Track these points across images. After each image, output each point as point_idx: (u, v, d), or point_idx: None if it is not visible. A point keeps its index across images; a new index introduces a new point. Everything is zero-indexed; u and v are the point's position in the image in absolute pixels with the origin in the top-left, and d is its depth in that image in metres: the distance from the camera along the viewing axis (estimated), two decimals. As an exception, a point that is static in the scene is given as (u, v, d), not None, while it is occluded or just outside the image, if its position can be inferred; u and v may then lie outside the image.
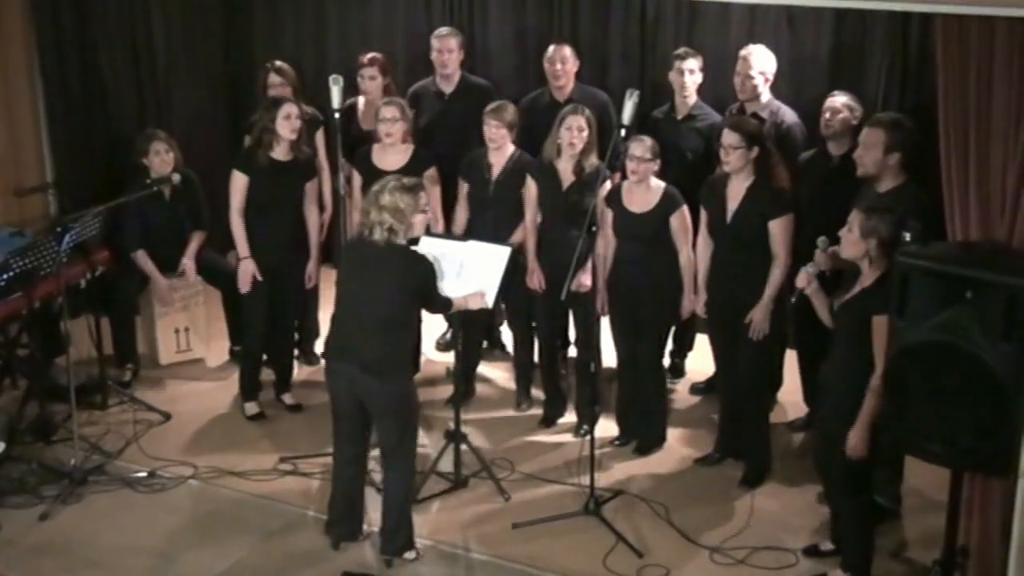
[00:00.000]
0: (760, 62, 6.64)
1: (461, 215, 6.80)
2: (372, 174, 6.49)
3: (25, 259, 6.25)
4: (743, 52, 6.70)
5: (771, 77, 6.68)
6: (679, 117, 6.88)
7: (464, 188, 6.78)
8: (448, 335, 7.60)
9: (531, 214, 6.57)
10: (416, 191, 5.33)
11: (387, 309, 5.25)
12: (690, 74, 6.81)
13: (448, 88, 7.36)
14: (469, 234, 6.50)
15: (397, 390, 5.34)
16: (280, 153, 6.63)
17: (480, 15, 8.08)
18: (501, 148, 6.62)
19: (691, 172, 6.60)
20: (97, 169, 7.92)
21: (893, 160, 5.67)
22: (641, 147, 6.12)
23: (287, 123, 6.54)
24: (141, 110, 8.08)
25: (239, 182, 6.65)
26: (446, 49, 7.28)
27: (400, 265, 5.28)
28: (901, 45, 6.83)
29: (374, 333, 5.25)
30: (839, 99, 6.32)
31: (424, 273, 5.33)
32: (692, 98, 6.89)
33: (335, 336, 5.46)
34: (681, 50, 6.93)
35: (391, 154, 6.73)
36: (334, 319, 5.50)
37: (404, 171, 6.53)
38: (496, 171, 6.65)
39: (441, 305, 5.56)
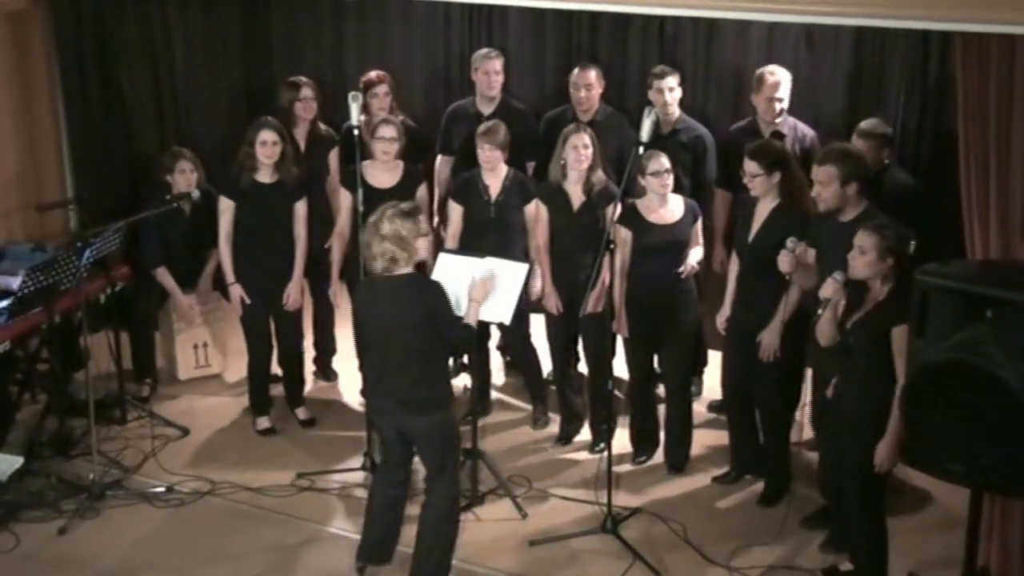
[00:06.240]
0: (788, 84, 6.66)
1: (452, 236, 6.71)
2: (364, 191, 6.41)
3: (45, 274, 6.28)
4: (772, 78, 6.65)
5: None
6: (664, 133, 6.85)
7: (458, 211, 6.69)
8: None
9: (543, 236, 6.58)
10: (415, 215, 5.27)
11: (412, 343, 5.18)
12: (669, 91, 6.84)
13: (487, 109, 7.26)
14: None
15: (437, 423, 5.29)
16: (264, 175, 6.66)
17: (499, 32, 8.05)
18: (495, 169, 6.61)
19: (678, 186, 6.58)
20: (117, 185, 7.95)
21: (852, 190, 5.52)
22: (658, 162, 6.16)
23: (263, 149, 6.59)
24: (161, 127, 8.11)
25: (225, 207, 6.71)
26: (492, 71, 7.22)
27: (411, 295, 5.19)
28: (921, 64, 6.80)
29: (406, 370, 5.20)
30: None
31: (435, 295, 5.23)
32: (675, 114, 6.92)
33: (371, 376, 5.48)
34: (658, 68, 6.95)
35: (382, 171, 6.71)
36: (366, 358, 5.52)
37: (396, 189, 6.58)
38: (495, 192, 6.63)
39: (460, 328, 5.35)
